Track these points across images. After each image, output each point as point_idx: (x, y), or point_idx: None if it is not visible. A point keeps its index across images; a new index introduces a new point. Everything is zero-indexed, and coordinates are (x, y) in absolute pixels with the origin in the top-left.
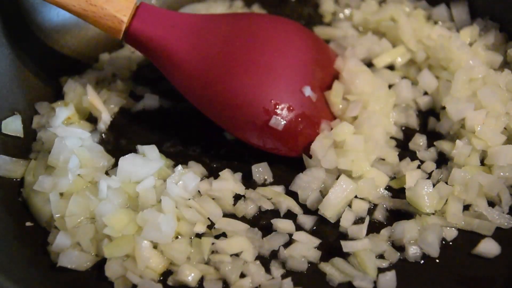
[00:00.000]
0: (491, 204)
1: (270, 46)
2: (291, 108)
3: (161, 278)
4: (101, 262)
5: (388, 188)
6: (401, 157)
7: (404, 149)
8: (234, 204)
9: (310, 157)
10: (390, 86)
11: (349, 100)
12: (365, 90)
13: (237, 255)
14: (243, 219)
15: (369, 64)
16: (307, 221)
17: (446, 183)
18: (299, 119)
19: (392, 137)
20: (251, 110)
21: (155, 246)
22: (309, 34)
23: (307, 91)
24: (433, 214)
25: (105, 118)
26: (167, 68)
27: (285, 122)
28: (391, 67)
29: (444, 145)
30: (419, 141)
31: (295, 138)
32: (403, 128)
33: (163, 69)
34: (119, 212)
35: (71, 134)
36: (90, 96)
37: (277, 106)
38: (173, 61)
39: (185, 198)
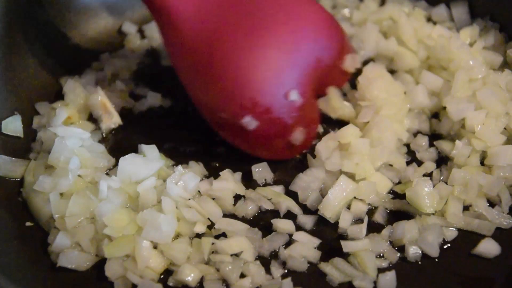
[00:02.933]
0: (491, 204)
1: (275, 33)
2: (269, 110)
3: (161, 278)
4: (101, 262)
5: (392, 192)
6: (408, 162)
7: (411, 153)
8: (234, 204)
9: (314, 157)
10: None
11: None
12: (380, 96)
13: (237, 255)
14: (243, 219)
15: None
16: (307, 221)
17: (446, 183)
18: (275, 123)
19: (404, 144)
20: (229, 100)
21: (155, 246)
22: (329, 22)
23: (293, 95)
24: (433, 214)
25: (116, 120)
26: (165, 28)
27: (257, 123)
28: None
29: (444, 145)
30: (421, 141)
31: (265, 141)
32: (415, 134)
33: (162, 27)
34: (119, 212)
35: (71, 134)
36: (102, 97)
37: (255, 105)
38: (172, 22)
39: (185, 198)
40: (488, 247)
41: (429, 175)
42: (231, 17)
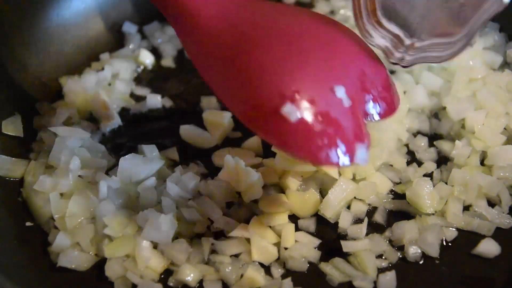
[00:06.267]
0: (491, 204)
1: (316, 35)
2: (314, 101)
3: (161, 278)
4: (101, 262)
5: (392, 192)
6: (408, 162)
7: (410, 153)
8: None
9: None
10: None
11: None
12: None
13: (236, 255)
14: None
15: None
16: (307, 222)
17: (446, 183)
18: (320, 118)
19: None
20: (265, 90)
21: (155, 246)
22: (365, 46)
23: (340, 91)
24: (433, 214)
25: (116, 120)
26: (186, 28)
27: (300, 114)
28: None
29: (444, 145)
30: (420, 142)
31: (308, 138)
32: (415, 134)
33: (181, 29)
34: (119, 212)
35: (71, 134)
36: (102, 97)
37: (296, 94)
38: (194, 22)
39: (185, 198)
40: (488, 247)
41: (429, 175)
42: (265, 19)
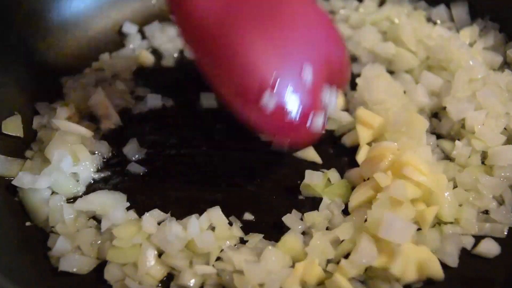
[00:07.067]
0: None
1: (295, 20)
2: (288, 88)
3: (163, 281)
4: (102, 264)
5: None
6: None
7: None
8: None
9: None
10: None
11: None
12: (380, 97)
13: None
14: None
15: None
16: None
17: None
18: (291, 101)
19: None
20: (247, 80)
21: (159, 255)
22: (338, 34)
23: (307, 73)
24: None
25: (116, 120)
26: (180, 12)
27: (276, 102)
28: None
29: (444, 145)
30: (428, 141)
31: (283, 123)
32: None
33: (177, 15)
34: (127, 223)
35: (74, 130)
36: (102, 98)
37: (275, 85)
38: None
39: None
40: (488, 247)
41: None
42: (249, 11)
